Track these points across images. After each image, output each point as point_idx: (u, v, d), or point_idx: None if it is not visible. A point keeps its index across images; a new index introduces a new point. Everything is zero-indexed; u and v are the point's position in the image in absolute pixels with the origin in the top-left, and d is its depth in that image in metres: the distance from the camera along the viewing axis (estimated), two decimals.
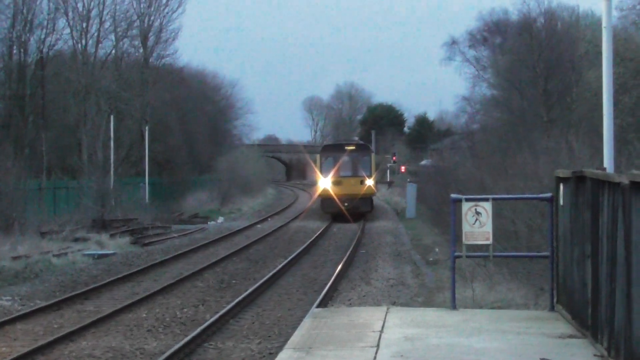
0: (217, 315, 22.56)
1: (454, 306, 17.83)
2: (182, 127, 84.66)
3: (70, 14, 75.33)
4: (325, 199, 60.80)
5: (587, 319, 14.12)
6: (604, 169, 15.81)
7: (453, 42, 77.77)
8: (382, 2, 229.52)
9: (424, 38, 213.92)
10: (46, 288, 29.42)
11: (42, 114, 70.87)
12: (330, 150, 63.40)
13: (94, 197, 57.94)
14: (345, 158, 60.86)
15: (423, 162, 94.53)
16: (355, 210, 59.13)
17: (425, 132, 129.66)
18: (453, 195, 18.31)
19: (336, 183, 59.71)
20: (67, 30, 75.40)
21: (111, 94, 74.57)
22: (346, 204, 58.65)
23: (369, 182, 60.24)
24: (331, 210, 60.11)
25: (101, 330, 21.56)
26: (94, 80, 73.91)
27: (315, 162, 63.55)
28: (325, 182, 60.04)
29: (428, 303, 22.83)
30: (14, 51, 70.75)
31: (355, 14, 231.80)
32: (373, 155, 64.64)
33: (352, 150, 61.79)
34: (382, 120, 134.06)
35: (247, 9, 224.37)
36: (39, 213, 50.88)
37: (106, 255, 39.37)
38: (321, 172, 60.89)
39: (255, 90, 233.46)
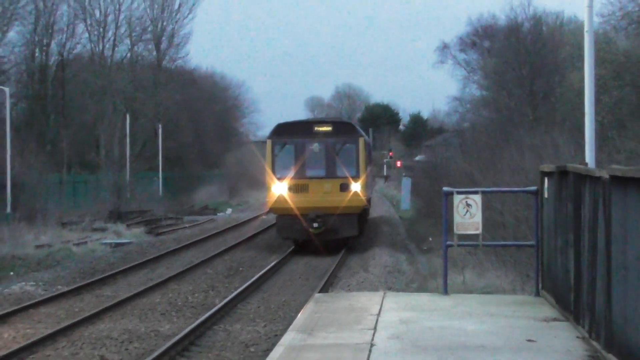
0: (225, 300, 22.60)
1: (445, 291, 17.87)
2: (193, 125, 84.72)
3: (88, 19, 75.56)
4: (281, 216, 35.12)
5: (570, 304, 14.14)
6: (586, 164, 15.84)
7: (444, 47, 77.87)
8: (377, 9, 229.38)
9: (418, 42, 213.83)
10: (67, 274, 29.47)
11: (63, 113, 70.98)
12: (287, 134, 35.29)
13: (111, 190, 58.05)
14: (314, 146, 34.80)
15: (417, 158, 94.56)
16: (331, 235, 34.72)
17: (419, 130, 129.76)
18: (445, 189, 18.33)
19: (299, 189, 34.49)
20: (86, 35, 75.76)
21: (126, 94, 74.65)
22: (316, 225, 34.19)
23: (356, 186, 34.51)
24: (292, 235, 35.34)
25: (118, 314, 21.61)
26: (111, 81, 73.97)
27: (264, 153, 36.12)
28: (279, 188, 34.37)
29: (422, 288, 22.83)
30: (36, 54, 70.87)
31: (352, 19, 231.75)
32: (363, 141, 35.85)
33: (326, 134, 35.07)
34: (379, 119, 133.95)
35: (254, 16, 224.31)
36: (60, 205, 51.02)
37: (123, 244, 39.42)
38: (273, 170, 34.74)
39: (260, 91, 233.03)
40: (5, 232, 39.24)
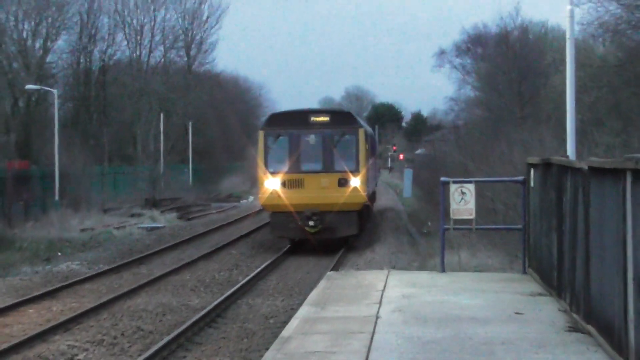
0: (248, 277, 22.65)
1: (443, 270, 17.88)
2: (219, 122, 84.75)
3: (126, 29, 75.78)
4: (274, 213, 29.08)
5: (553, 281, 14.14)
6: (567, 157, 15.83)
7: (442, 52, 77.13)
8: (383, 19, 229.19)
9: (419, 48, 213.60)
10: (108, 255, 29.56)
11: (104, 112, 71.13)
12: (281, 124, 29.12)
13: (147, 180, 58.22)
14: (310, 137, 28.80)
15: (418, 151, 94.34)
16: (328, 235, 28.94)
17: (420, 127, 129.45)
18: (442, 178, 18.35)
19: (293, 184, 28.49)
20: (124, 43, 75.96)
21: (160, 95, 74.74)
22: (312, 223, 28.29)
23: (355, 181, 28.41)
24: (286, 234, 29.45)
25: (153, 289, 21.68)
26: (146, 84, 74.13)
27: (257, 146, 29.62)
28: (272, 183, 28.47)
29: (422, 267, 22.82)
30: (81, 60, 71.07)
31: (361, 28, 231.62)
32: (363, 132, 29.60)
33: (323, 124, 28.99)
34: (384, 117, 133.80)
35: (273, 25, 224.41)
36: (102, 193, 51.23)
37: (157, 228, 39.51)
38: (266, 163, 28.75)
39: (279, 92, 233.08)
40: (54, 217, 39.45)
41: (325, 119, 29.19)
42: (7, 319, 18.05)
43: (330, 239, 29.28)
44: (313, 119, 29.09)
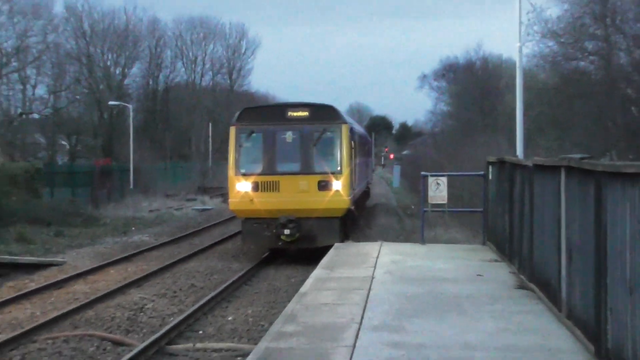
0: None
1: (423, 242, 17.88)
2: None
3: (184, 59, 76.20)
4: (246, 220, 19.76)
5: (506, 250, 14.15)
6: (517, 157, 15.80)
7: (423, 76, 76.74)
8: (379, 50, 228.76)
9: (406, 72, 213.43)
10: (170, 229, 29.63)
11: (167, 122, 71.25)
12: (255, 120, 19.82)
13: (199, 173, 58.20)
14: (287, 134, 19.54)
15: (404, 152, 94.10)
16: (307, 244, 19.74)
17: (406, 133, 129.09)
18: (422, 173, 18.35)
19: (268, 187, 19.31)
20: (183, 70, 76.34)
21: (209, 109, 74.86)
22: (288, 232, 19.25)
23: (337, 184, 19.29)
24: (260, 243, 20.17)
25: (204, 256, 21.74)
26: (199, 101, 74.30)
27: (228, 143, 20.01)
28: (244, 186, 19.27)
29: (407, 240, 22.79)
30: (150, 82, 71.48)
31: (363, 56, 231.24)
32: (347, 129, 19.86)
33: (302, 119, 19.65)
34: (379, 126, 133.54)
35: (294, 55, 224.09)
36: (165, 183, 51.26)
37: (207, 210, 39.56)
38: (237, 163, 19.57)
39: None
40: (129, 201, 39.59)
41: (305, 113, 19.91)
42: (95, 277, 18.18)
43: (309, 248, 19.99)
44: (291, 113, 19.91)
